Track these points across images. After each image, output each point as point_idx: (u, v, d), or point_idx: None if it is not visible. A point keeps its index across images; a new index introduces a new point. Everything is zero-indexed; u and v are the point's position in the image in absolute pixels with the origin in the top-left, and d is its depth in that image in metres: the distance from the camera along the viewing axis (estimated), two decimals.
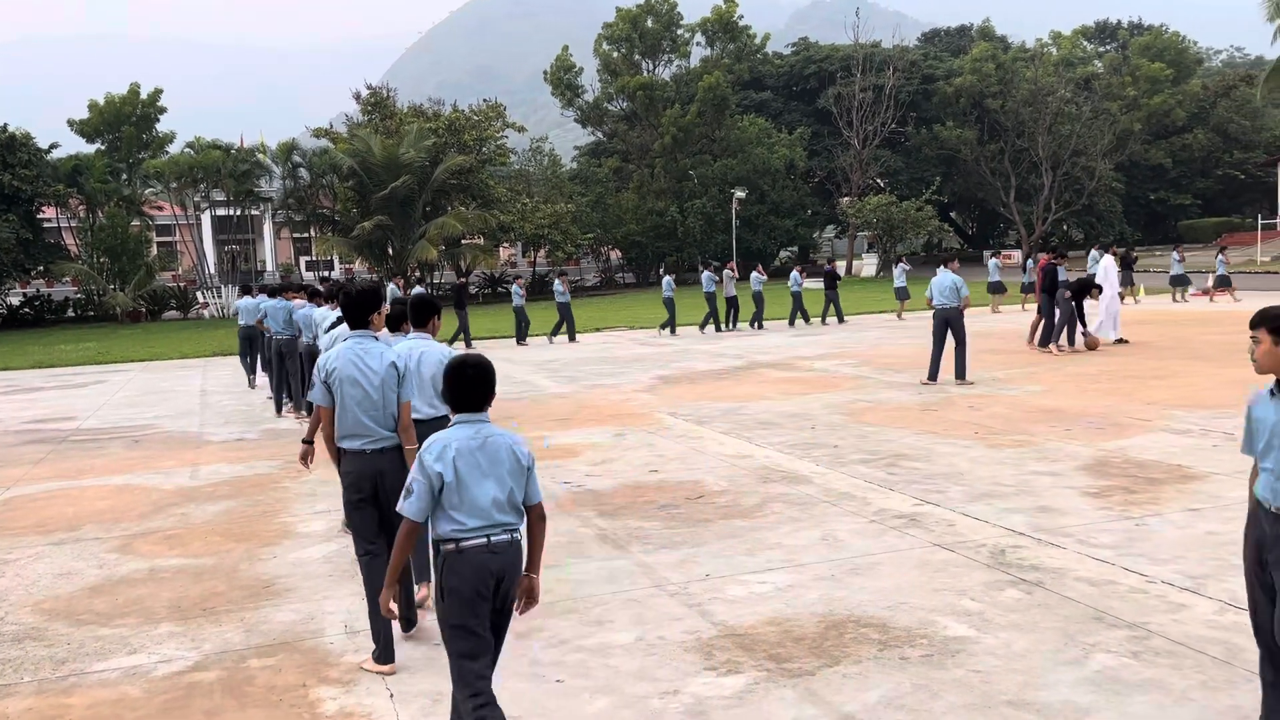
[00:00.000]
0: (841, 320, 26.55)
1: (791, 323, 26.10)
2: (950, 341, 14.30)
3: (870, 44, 58.39)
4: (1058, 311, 17.63)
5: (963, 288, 14.33)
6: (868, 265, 54.32)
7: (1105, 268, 18.82)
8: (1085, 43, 70.44)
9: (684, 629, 5.46)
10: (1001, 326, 23.10)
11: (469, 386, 3.80)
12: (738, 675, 4.83)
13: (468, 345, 24.37)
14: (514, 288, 25.12)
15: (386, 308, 5.85)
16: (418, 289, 25.78)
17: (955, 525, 7.17)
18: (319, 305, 12.12)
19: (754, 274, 27.11)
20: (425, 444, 3.79)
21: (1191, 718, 4.22)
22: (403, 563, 3.88)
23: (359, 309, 5.35)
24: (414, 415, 5.61)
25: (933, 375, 14.27)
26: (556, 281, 25.16)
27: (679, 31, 57.99)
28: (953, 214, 68.64)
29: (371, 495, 5.13)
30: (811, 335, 23.48)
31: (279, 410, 14.26)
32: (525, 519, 3.88)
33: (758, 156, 54.20)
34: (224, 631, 5.76)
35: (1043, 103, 54.44)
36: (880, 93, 54.05)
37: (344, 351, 5.24)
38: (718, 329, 25.44)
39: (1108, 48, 71.72)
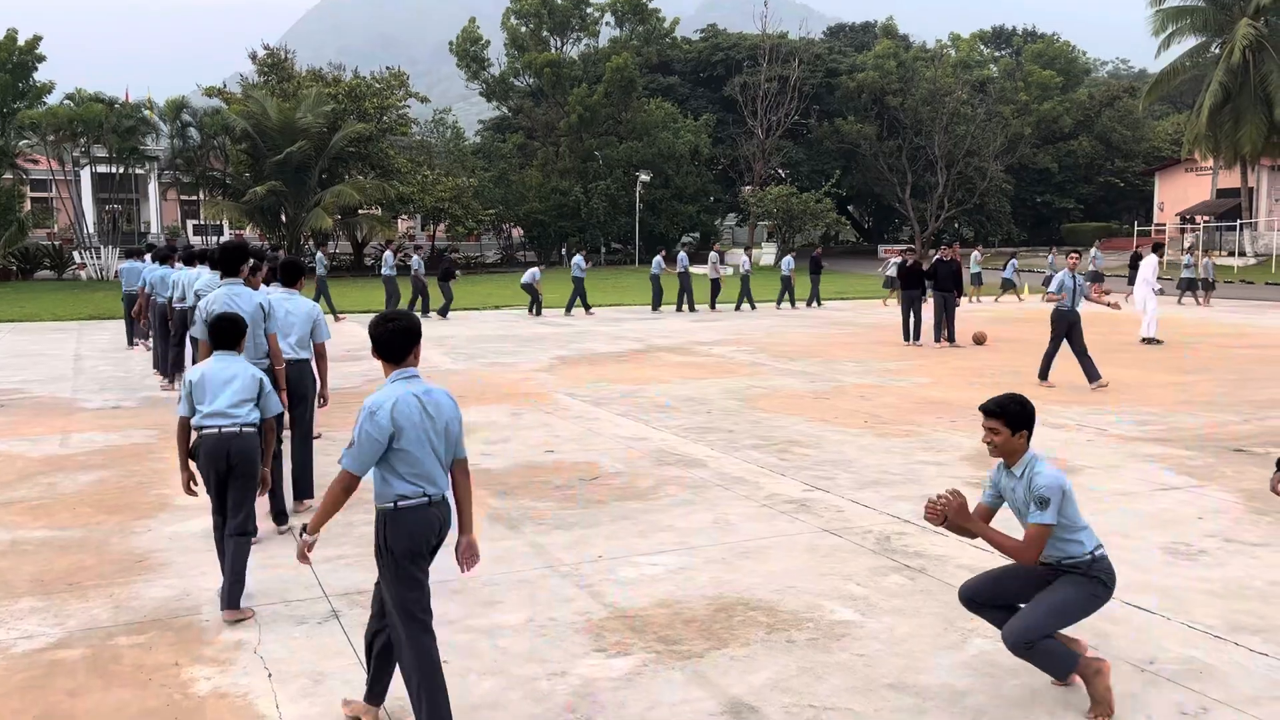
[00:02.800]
0: (819, 304, 27.93)
1: (679, 308, 26.58)
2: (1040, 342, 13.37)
3: (777, 35, 59.00)
4: (930, 306, 18.30)
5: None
6: (765, 254, 55.06)
7: (1150, 267, 18.22)
8: (982, 46, 72.53)
9: (575, 610, 5.43)
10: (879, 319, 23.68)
11: (222, 333, 5.56)
12: (627, 657, 4.83)
13: (439, 315, 24.18)
14: (533, 271, 26.04)
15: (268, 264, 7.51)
16: (396, 254, 26.37)
17: (844, 511, 7.31)
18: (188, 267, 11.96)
19: (742, 258, 28.68)
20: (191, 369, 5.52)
21: (1059, 700, 4.38)
22: (182, 451, 5.53)
23: (231, 260, 6.86)
24: (285, 355, 7.08)
25: (1043, 374, 13.33)
26: (578, 257, 26.56)
27: (588, 10, 57.61)
28: (850, 207, 70.01)
29: None
30: (710, 321, 23.70)
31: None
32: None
33: (663, 141, 54.29)
34: (91, 607, 5.49)
35: (940, 102, 55.92)
36: (785, 84, 54.69)
37: (220, 294, 6.64)
38: (655, 308, 26.37)
39: (1003, 53, 74.05)
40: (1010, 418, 4.24)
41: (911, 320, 18.12)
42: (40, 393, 13.00)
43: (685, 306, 26.35)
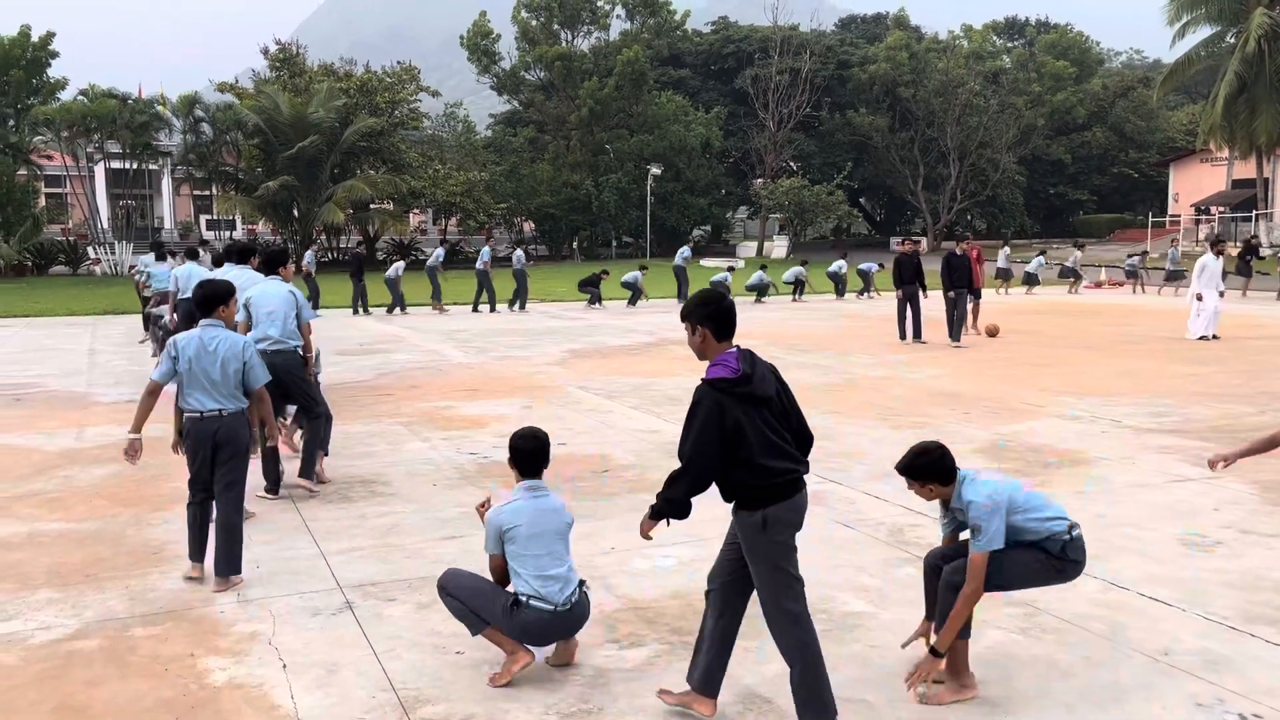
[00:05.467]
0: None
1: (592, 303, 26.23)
2: None
3: (788, 27, 58.80)
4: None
5: None
6: (778, 247, 54.96)
7: (1201, 266, 17.58)
8: (995, 37, 72.14)
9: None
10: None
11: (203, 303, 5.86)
12: (640, 648, 4.83)
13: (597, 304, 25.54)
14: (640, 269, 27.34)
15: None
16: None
17: (856, 504, 7.30)
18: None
19: (867, 265, 29.48)
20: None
21: (1074, 692, 4.37)
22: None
23: (273, 261, 7.86)
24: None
25: None
26: (679, 253, 27.81)
27: (599, 3, 57.48)
28: (862, 200, 69.80)
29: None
30: None
31: None
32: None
33: (674, 134, 54.16)
34: (107, 599, 5.53)
35: (953, 94, 55.63)
36: (796, 76, 54.50)
37: (264, 285, 7.67)
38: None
39: (1016, 43, 73.61)
40: None
41: (909, 317, 17.37)
42: (56, 387, 13.08)
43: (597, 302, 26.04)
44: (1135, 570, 5.81)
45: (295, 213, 44.86)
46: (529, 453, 4.56)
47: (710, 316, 4.00)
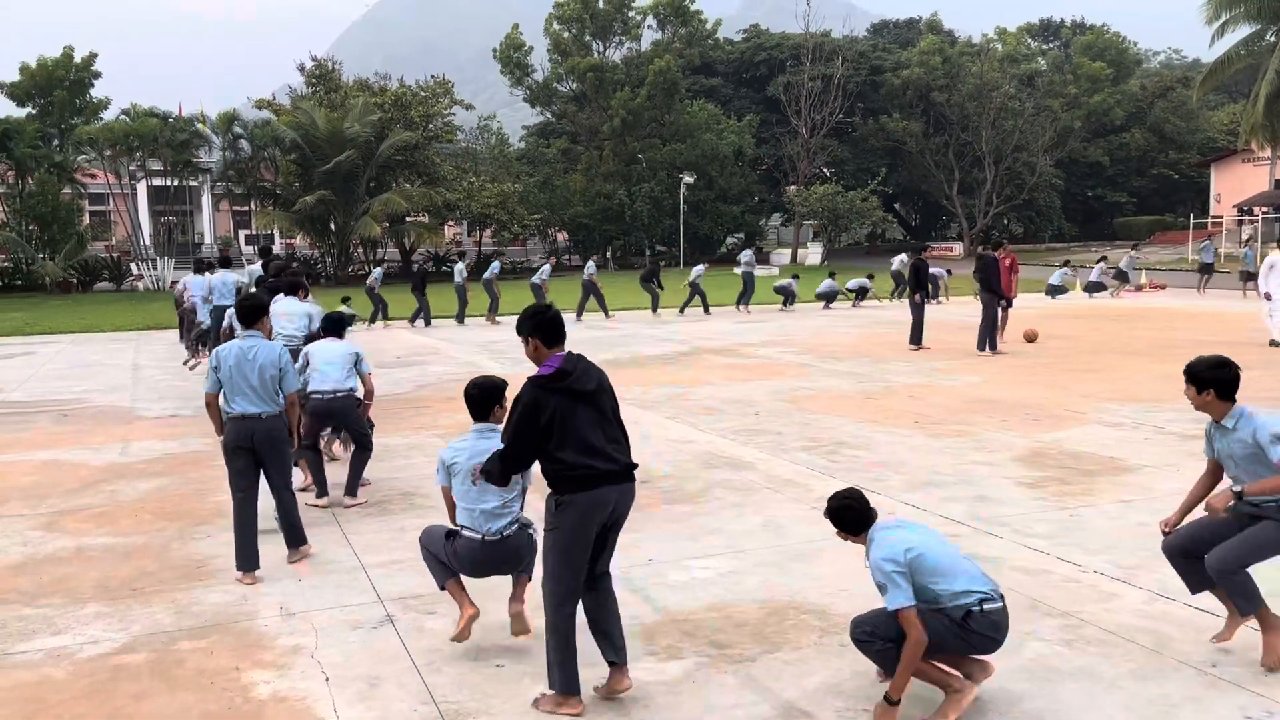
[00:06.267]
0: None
1: (739, 305, 26.42)
2: None
3: (820, 33, 58.64)
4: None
5: None
6: (812, 254, 54.78)
7: (1270, 264, 17.25)
8: (1030, 40, 71.40)
9: (626, 614, 5.41)
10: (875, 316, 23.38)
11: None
12: (679, 661, 4.83)
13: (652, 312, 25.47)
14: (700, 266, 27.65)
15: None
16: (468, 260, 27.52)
17: (895, 514, 7.23)
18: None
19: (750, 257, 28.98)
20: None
21: (1120, 705, 4.31)
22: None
23: (291, 287, 8.89)
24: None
25: None
26: (746, 252, 28.55)
27: (630, 14, 57.63)
28: (896, 205, 69.38)
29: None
30: (756, 323, 23.61)
31: None
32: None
33: (706, 142, 54.18)
34: (154, 612, 5.61)
35: (987, 98, 55.19)
36: (829, 82, 54.35)
37: (325, 343, 8.08)
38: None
39: (1051, 45, 72.84)
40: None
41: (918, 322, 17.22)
42: (101, 402, 13.31)
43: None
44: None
45: (332, 226, 45.36)
46: (474, 399, 5.08)
47: (538, 327, 4.39)
